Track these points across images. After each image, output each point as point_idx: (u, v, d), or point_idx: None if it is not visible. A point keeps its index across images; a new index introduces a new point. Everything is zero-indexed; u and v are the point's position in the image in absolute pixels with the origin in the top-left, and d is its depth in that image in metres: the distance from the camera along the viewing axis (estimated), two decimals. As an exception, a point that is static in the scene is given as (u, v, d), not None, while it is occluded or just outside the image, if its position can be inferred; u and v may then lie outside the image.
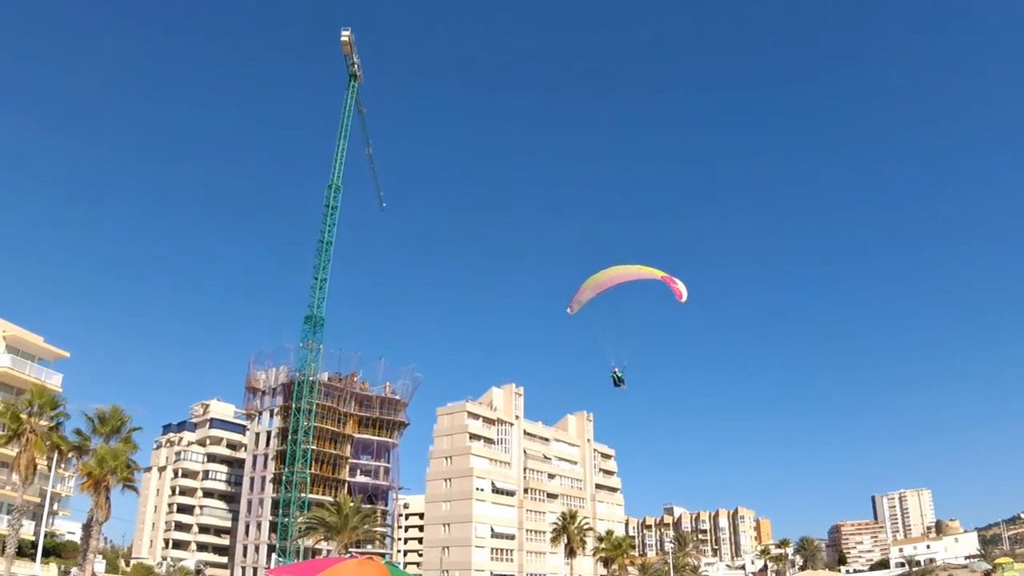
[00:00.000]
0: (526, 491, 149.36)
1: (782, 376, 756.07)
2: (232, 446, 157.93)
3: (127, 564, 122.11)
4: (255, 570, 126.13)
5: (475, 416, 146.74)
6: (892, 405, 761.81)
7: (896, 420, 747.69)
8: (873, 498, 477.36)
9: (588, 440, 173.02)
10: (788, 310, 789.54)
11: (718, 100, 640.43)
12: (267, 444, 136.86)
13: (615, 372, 37.56)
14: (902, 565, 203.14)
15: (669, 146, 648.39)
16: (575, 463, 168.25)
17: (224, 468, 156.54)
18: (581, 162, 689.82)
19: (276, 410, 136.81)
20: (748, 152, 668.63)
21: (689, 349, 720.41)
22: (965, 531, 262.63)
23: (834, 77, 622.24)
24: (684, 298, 32.01)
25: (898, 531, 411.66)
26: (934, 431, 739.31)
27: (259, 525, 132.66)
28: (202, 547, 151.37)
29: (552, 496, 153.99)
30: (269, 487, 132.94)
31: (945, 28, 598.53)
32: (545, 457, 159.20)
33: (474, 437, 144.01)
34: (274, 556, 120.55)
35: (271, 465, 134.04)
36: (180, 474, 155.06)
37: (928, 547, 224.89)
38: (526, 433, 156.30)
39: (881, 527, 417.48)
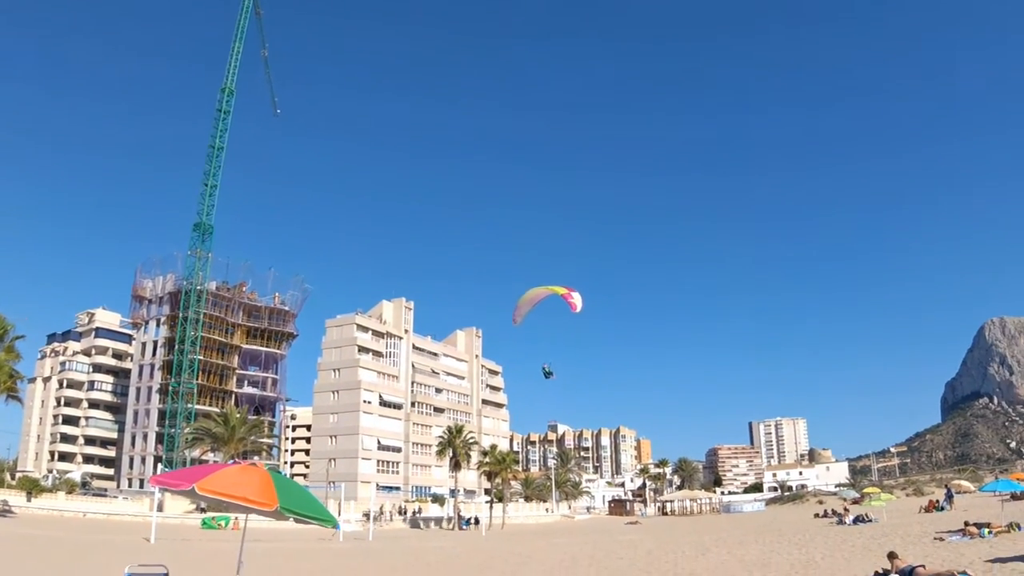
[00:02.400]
0: (413, 405, 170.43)
1: (667, 303, 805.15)
2: (118, 356, 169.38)
3: (12, 477, 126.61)
4: (142, 481, 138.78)
5: (364, 329, 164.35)
6: (770, 337, 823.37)
7: (774, 352, 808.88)
8: (750, 424, 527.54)
9: (476, 356, 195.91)
10: (674, 238, 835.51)
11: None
12: (154, 354, 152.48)
13: (545, 367, 51.91)
14: (775, 489, 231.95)
15: None
16: (463, 378, 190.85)
17: (110, 379, 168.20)
18: (468, 54, 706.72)
19: (163, 319, 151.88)
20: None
21: (578, 273, 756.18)
22: (836, 461, 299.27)
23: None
24: (578, 310, 46.28)
25: (773, 457, 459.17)
26: (811, 365, 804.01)
27: (145, 436, 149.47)
28: (88, 459, 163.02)
29: (439, 410, 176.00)
30: (156, 398, 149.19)
31: None
32: (433, 372, 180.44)
33: (363, 350, 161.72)
34: (160, 467, 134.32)
35: (158, 375, 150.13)
36: (65, 385, 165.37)
37: (800, 474, 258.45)
38: (415, 347, 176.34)
39: (757, 452, 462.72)
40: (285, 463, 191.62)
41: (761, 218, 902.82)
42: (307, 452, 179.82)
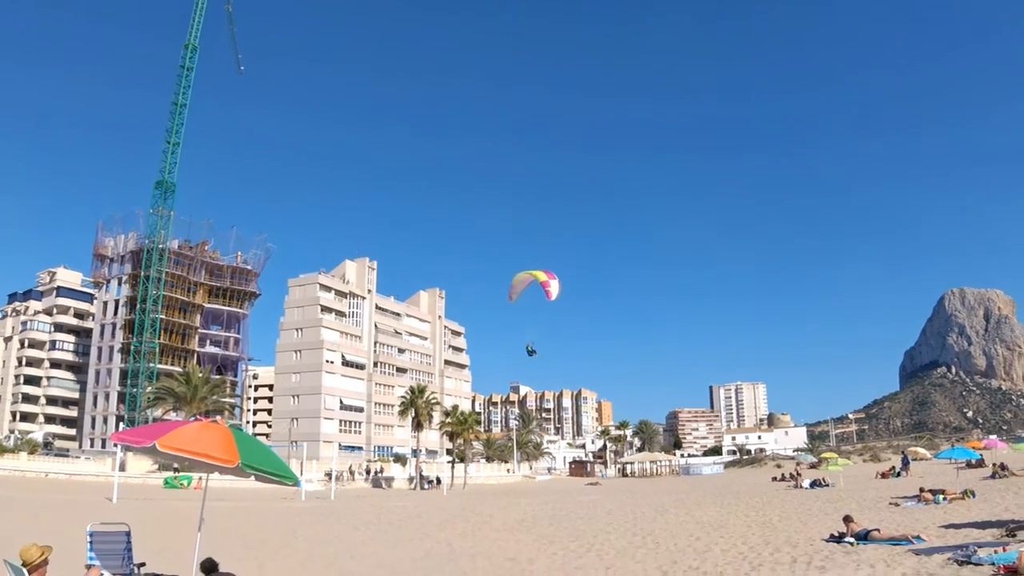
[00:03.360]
0: (376, 365, 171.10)
1: (629, 267, 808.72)
2: (80, 315, 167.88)
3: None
4: (104, 441, 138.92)
5: (327, 289, 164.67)
6: (732, 303, 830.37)
7: (735, 317, 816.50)
8: (711, 388, 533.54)
9: (439, 317, 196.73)
10: (636, 206, 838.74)
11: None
12: (115, 313, 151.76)
13: (528, 346, 55.11)
14: (734, 453, 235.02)
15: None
16: (425, 339, 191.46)
17: (72, 338, 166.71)
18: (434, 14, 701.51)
19: (125, 278, 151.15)
20: None
21: (541, 235, 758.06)
22: (795, 426, 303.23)
23: None
24: (553, 298, 48.75)
25: (732, 421, 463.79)
26: (771, 331, 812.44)
27: (107, 396, 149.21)
28: (50, 419, 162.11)
29: (401, 370, 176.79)
30: (118, 357, 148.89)
31: None
32: (396, 332, 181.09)
33: (325, 310, 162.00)
34: (122, 427, 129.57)
35: (120, 335, 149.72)
36: (26, 344, 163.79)
37: (759, 437, 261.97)
38: (378, 307, 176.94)
39: (717, 416, 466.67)
40: (247, 423, 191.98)
41: (724, 190, 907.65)
42: (269, 412, 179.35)
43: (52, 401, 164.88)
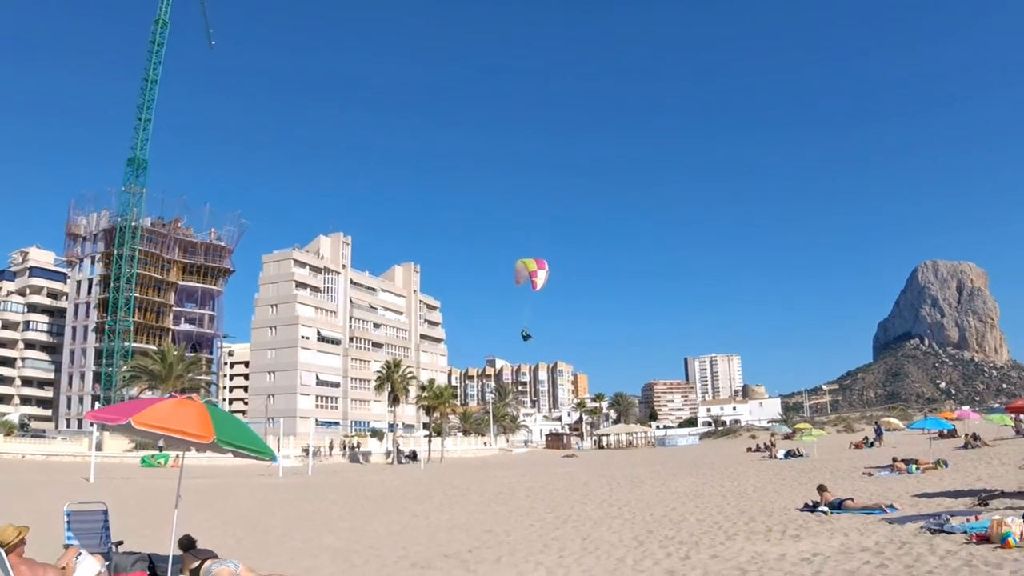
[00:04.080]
0: (351, 340, 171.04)
1: (604, 241, 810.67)
2: (53, 295, 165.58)
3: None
4: (79, 421, 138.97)
5: (302, 264, 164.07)
6: (707, 275, 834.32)
7: (710, 290, 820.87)
8: (686, 361, 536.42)
9: (414, 291, 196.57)
10: (610, 177, 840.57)
11: None
12: (89, 292, 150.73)
13: (524, 331, 55.52)
14: (709, 424, 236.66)
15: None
16: (400, 313, 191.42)
17: (45, 318, 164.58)
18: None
19: (98, 257, 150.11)
20: None
21: (514, 208, 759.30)
22: (770, 397, 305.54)
23: None
24: (537, 289, 48.75)
25: (707, 392, 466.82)
26: (746, 303, 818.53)
27: (83, 376, 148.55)
28: (25, 400, 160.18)
29: (377, 345, 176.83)
30: (92, 337, 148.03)
31: None
32: (371, 307, 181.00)
33: (300, 285, 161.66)
34: (98, 406, 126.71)
35: (94, 314, 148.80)
36: (0, 325, 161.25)
37: (734, 409, 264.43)
38: (352, 282, 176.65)
39: (692, 388, 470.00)
40: (224, 400, 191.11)
41: (696, 165, 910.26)
42: (246, 388, 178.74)
43: (27, 382, 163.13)
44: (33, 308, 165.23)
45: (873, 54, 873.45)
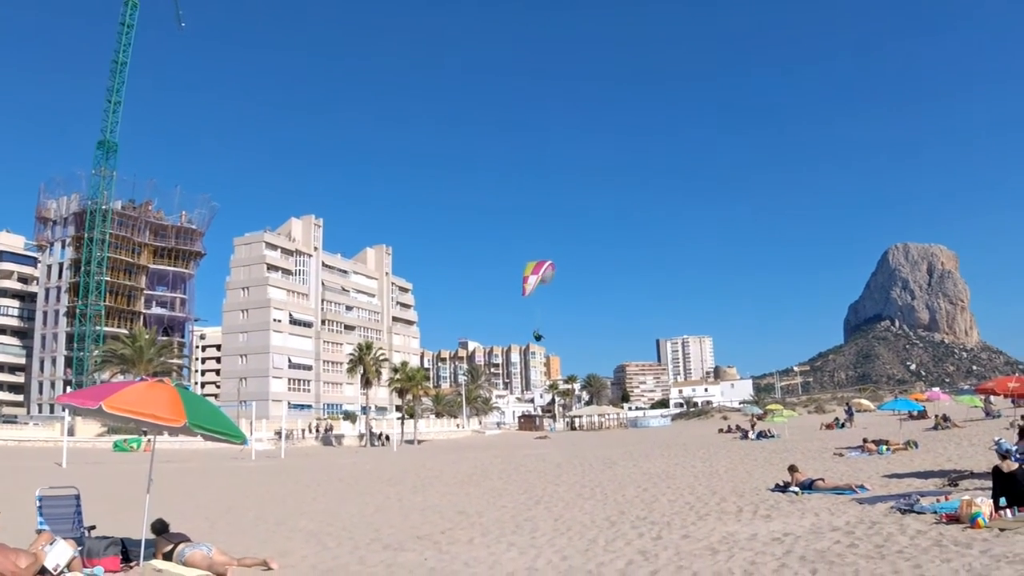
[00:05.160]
0: (323, 323, 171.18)
1: (575, 222, 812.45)
2: (23, 279, 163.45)
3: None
4: (51, 406, 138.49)
5: (273, 247, 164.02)
6: (679, 257, 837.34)
7: (682, 271, 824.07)
8: (658, 342, 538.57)
9: (386, 273, 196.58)
10: (583, 161, 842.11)
11: None
12: (60, 276, 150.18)
13: (535, 332, 55.72)
14: (681, 405, 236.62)
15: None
16: (373, 296, 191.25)
17: (16, 303, 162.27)
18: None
19: (68, 241, 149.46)
20: None
21: (487, 192, 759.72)
22: (741, 378, 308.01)
23: None
24: (526, 295, 50.23)
25: (679, 374, 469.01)
26: (718, 285, 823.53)
27: (54, 360, 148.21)
28: None
29: (349, 328, 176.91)
30: (63, 321, 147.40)
31: None
32: (343, 289, 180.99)
33: (272, 268, 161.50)
34: (70, 391, 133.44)
35: (64, 298, 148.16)
36: None
37: (706, 390, 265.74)
38: (324, 265, 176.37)
39: (664, 369, 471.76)
40: (196, 383, 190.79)
41: (671, 151, 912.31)
42: (218, 372, 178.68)
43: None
44: (3, 293, 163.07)
45: (847, 43, 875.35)
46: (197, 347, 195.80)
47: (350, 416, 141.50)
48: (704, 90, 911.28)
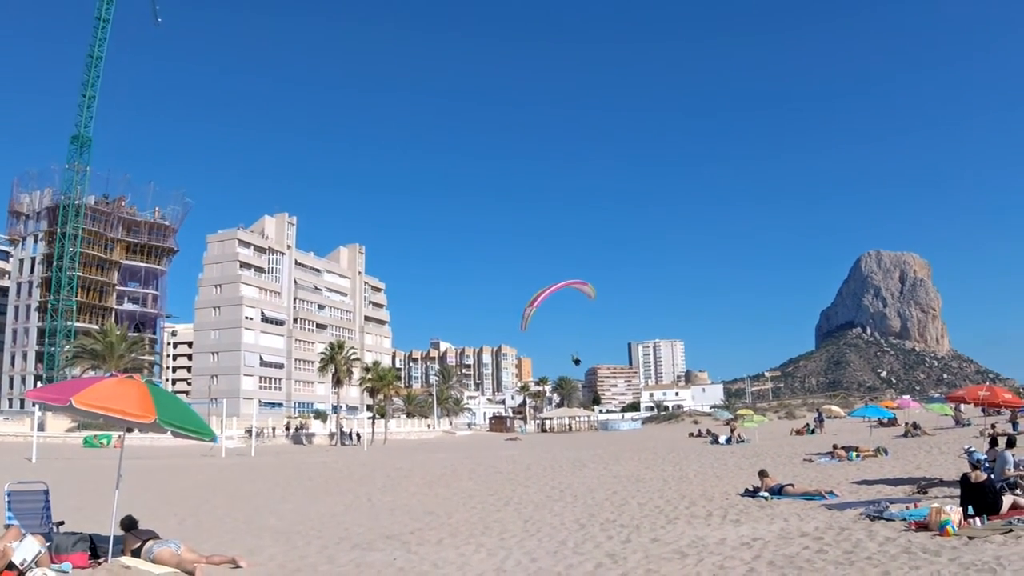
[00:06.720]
0: (296, 321, 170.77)
1: (547, 223, 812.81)
2: None
3: None
4: (22, 401, 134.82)
5: (246, 244, 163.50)
6: (652, 261, 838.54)
7: (654, 275, 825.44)
8: (629, 345, 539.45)
9: (359, 272, 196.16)
10: (555, 161, 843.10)
11: None
12: (32, 271, 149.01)
13: (573, 355, 56.57)
14: (652, 409, 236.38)
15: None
16: (345, 295, 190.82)
17: None
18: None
19: (41, 235, 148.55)
20: None
21: (462, 191, 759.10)
22: (712, 383, 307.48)
23: None
24: (523, 330, 46.93)
25: (651, 377, 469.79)
26: (690, 289, 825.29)
27: (25, 356, 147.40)
28: None
29: (321, 327, 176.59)
30: (35, 316, 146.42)
31: None
32: (316, 288, 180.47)
33: (244, 265, 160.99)
34: (40, 386, 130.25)
35: (36, 293, 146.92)
36: None
37: (677, 394, 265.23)
38: (297, 263, 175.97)
39: (635, 373, 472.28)
40: (167, 380, 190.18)
41: (646, 151, 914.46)
42: (189, 369, 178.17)
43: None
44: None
45: (818, 45, 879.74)
46: (169, 344, 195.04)
47: (321, 415, 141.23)
48: (679, 97, 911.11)
